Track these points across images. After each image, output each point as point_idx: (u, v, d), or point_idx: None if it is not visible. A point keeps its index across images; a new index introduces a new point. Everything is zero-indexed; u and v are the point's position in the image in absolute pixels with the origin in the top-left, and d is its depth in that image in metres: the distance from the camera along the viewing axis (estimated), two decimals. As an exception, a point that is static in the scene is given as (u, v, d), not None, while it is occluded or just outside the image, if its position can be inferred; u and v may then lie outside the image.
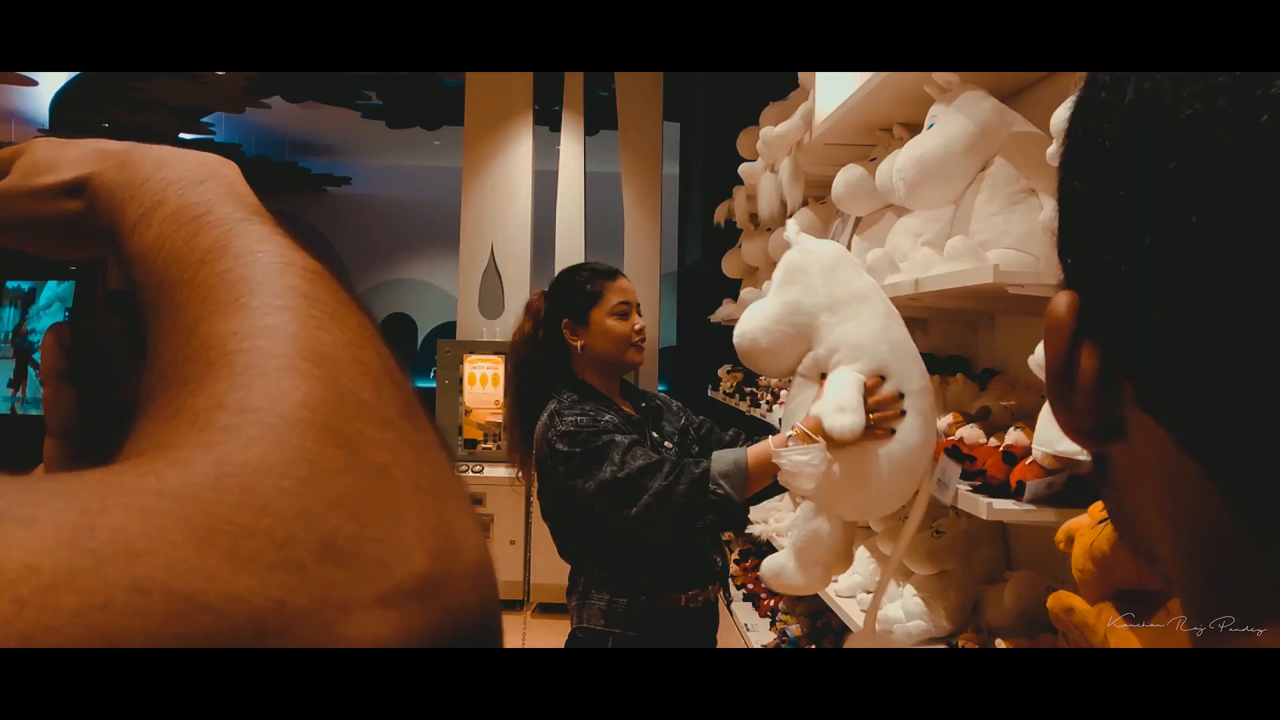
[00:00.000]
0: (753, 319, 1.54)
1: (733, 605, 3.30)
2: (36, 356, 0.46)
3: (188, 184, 0.34)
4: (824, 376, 1.50)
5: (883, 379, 1.45)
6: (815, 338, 1.50)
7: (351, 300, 0.30)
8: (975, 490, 1.46)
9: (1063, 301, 0.32)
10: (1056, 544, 1.19)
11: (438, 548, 0.23)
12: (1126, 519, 0.34)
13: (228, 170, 0.37)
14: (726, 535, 3.76)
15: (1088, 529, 1.13)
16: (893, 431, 1.44)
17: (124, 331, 0.40)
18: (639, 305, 1.88)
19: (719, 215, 3.97)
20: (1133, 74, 0.29)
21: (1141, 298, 0.28)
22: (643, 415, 1.86)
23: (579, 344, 1.82)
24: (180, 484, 0.20)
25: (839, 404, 1.40)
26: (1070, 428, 0.32)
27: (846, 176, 2.23)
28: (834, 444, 1.44)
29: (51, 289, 0.48)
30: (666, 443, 1.83)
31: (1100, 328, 0.30)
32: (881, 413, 1.44)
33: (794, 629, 2.75)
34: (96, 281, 0.42)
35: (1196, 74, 0.27)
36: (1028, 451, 1.42)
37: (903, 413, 1.44)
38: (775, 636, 2.86)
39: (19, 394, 0.49)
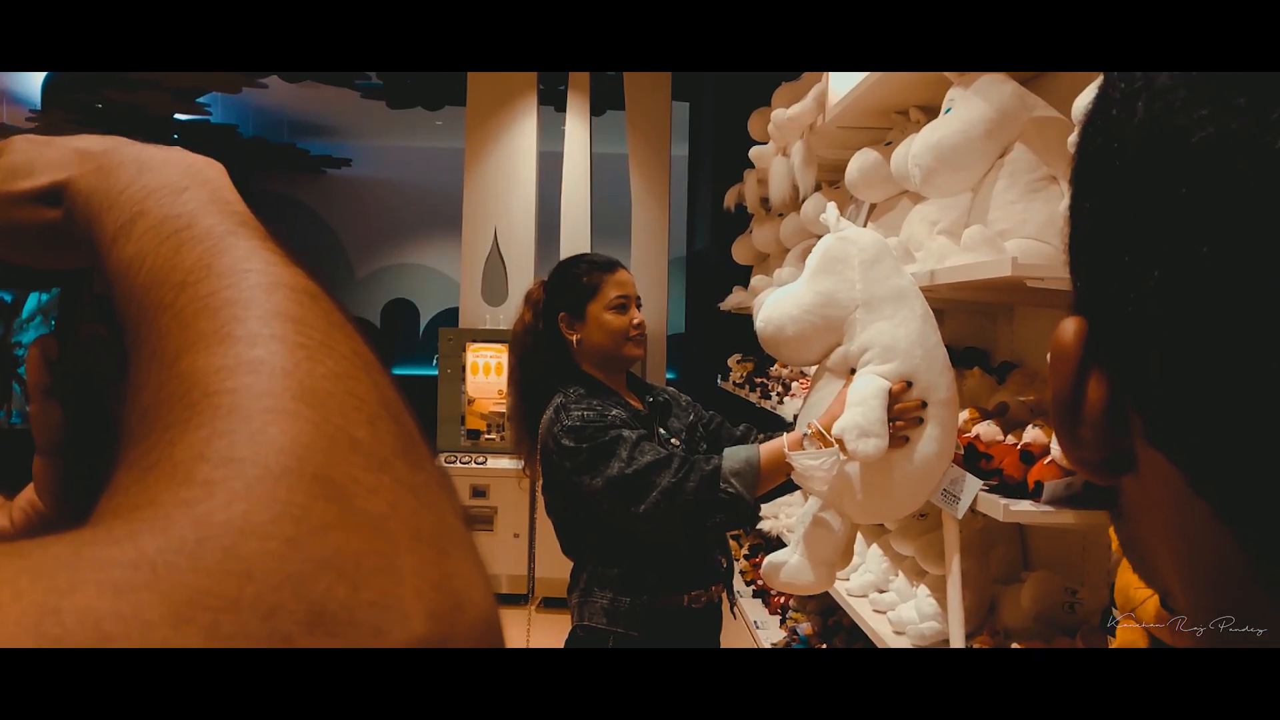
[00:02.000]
0: (780, 306, 1.51)
1: (743, 602, 3.31)
2: (22, 371, 0.45)
3: (169, 192, 0.33)
4: (852, 372, 1.48)
5: (909, 384, 1.43)
6: (847, 333, 1.47)
7: (345, 321, 0.29)
8: (992, 490, 1.45)
9: (1070, 328, 0.31)
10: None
11: (437, 606, 0.22)
12: (1137, 552, 0.33)
13: (213, 173, 0.36)
14: (735, 530, 3.76)
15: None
16: (907, 439, 1.42)
17: (112, 339, 0.39)
18: (639, 298, 1.88)
19: (729, 199, 3.96)
20: (1144, 91, 0.28)
21: (1150, 330, 0.27)
22: (650, 410, 1.85)
23: (575, 338, 1.82)
24: (156, 551, 0.19)
25: (863, 427, 1.37)
26: (1077, 460, 0.32)
27: (861, 161, 2.22)
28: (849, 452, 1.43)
29: (34, 300, 0.47)
30: (674, 439, 1.82)
31: (1109, 357, 0.30)
32: (901, 421, 1.42)
33: (805, 627, 2.76)
34: (82, 287, 0.42)
35: (1211, 92, 0.26)
36: (1046, 450, 1.41)
37: (921, 421, 1.43)
38: (785, 635, 2.86)
39: (5, 409, 0.49)
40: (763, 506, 2.04)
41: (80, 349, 0.42)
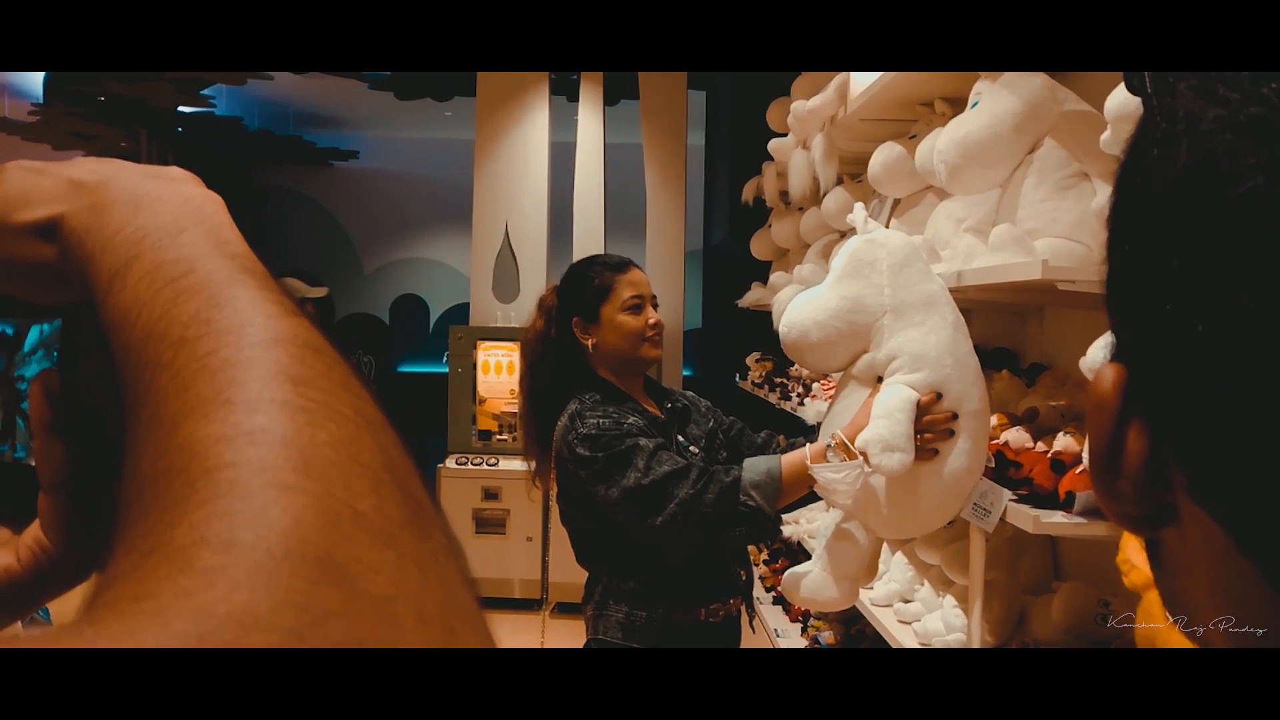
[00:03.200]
0: (805, 310, 1.49)
1: (762, 609, 3.30)
2: (25, 405, 0.45)
3: (166, 233, 0.33)
4: (879, 380, 1.47)
5: (939, 396, 1.41)
6: (875, 340, 1.45)
7: (348, 374, 0.29)
8: (1022, 500, 1.44)
9: (1109, 376, 0.31)
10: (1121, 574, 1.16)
11: None
12: (1179, 606, 0.33)
13: (211, 209, 0.35)
14: (755, 544, 3.75)
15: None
16: (936, 452, 1.41)
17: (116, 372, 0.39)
18: (654, 297, 1.87)
19: (747, 193, 3.94)
20: (1187, 134, 0.28)
21: (1193, 384, 0.27)
22: (669, 416, 1.85)
23: (591, 342, 1.82)
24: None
25: (888, 441, 1.36)
26: (1116, 513, 0.31)
27: (884, 156, 2.21)
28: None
29: (36, 333, 0.48)
30: (693, 447, 1.82)
31: (1149, 408, 0.29)
32: (930, 433, 1.41)
33: (827, 636, 2.75)
34: (84, 319, 0.42)
35: (1258, 139, 0.26)
36: (1078, 459, 1.40)
37: (951, 433, 1.41)
38: (807, 644, 2.86)
39: (9, 443, 0.49)
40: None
41: (83, 382, 0.42)
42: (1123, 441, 0.30)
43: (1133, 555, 0.99)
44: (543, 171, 5.21)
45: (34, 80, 6.97)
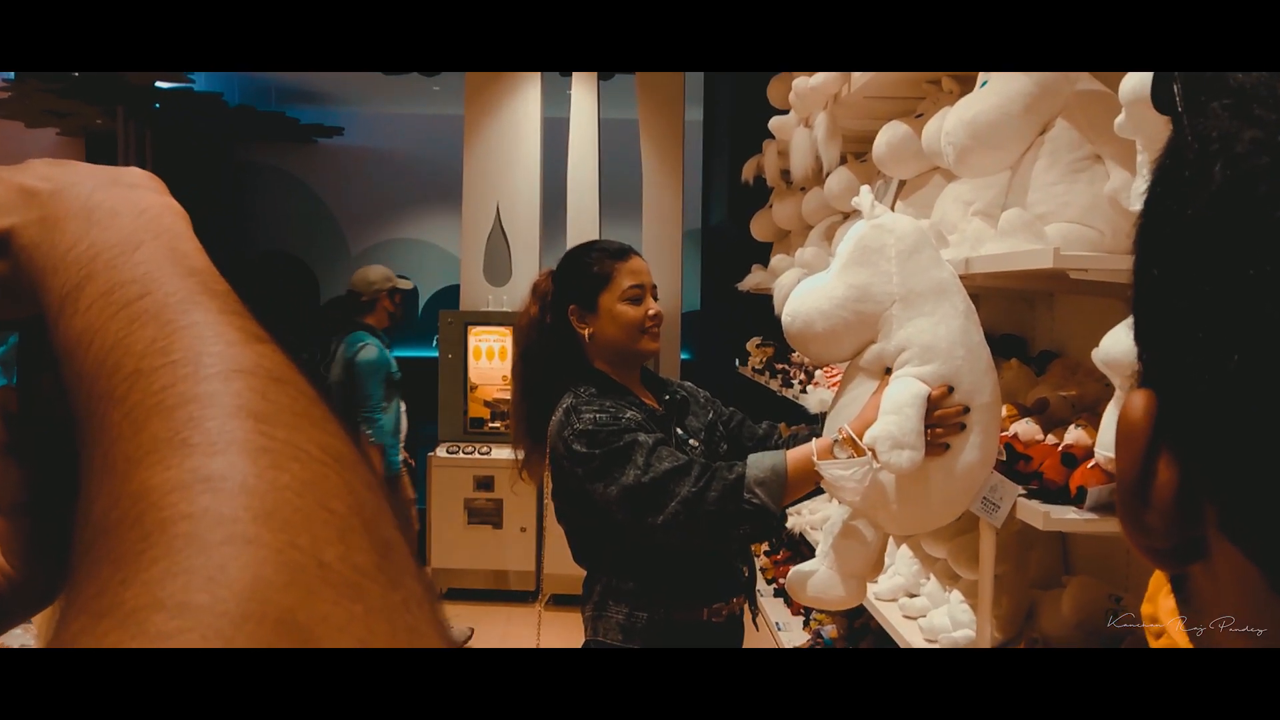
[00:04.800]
0: (809, 299, 1.47)
1: (764, 602, 3.32)
2: None
3: (120, 250, 0.32)
4: (888, 371, 1.46)
5: (950, 389, 1.40)
6: (883, 330, 1.44)
7: (313, 404, 0.28)
8: (1031, 495, 1.44)
9: (1139, 404, 0.30)
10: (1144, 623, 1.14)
11: None
12: (1206, 644, 0.32)
13: (169, 221, 0.34)
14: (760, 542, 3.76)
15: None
16: (947, 446, 1.41)
17: None
18: (655, 287, 1.86)
19: (747, 172, 3.92)
20: (1221, 155, 0.27)
21: (1227, 415, 0.27)
22: (667, 409, 1.84)
23: (587, 332, 1.81)
24: None
25: (897, 439, 1.35)
26: (1143, 547, 0.31)
27: (889, 135, 2.19)
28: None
29: None
30: (692, 440, 1.81)
31: (1181, 438, 0.29)
32: (941, 427, 1.40)
33: (829, 630, 2.77)
34: (42, 333, 0.41)
35: None
36: (1089, 453, 1.40)
37: (963, 427, 1.41)
38: (809, 638, 2.87)
39: None
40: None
41: (43, 400, 0.41)
42: (1152, 472, 0.30)
43: (1163, 615, 0.92)
44: (535, 148, 5.18)
45: (5, 54, 6.89)
